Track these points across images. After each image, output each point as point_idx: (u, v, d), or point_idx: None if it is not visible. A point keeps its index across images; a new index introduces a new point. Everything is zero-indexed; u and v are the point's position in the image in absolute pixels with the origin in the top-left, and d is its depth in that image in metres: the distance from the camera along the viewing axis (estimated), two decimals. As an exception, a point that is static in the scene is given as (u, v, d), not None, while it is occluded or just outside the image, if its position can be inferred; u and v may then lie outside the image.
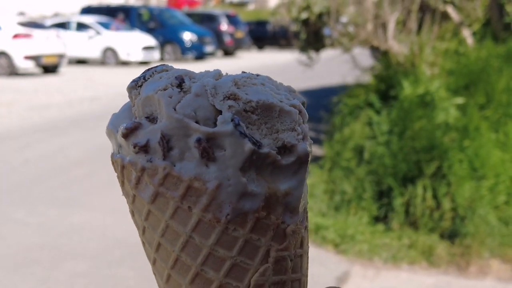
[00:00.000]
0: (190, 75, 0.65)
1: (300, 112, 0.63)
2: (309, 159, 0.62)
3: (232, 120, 0.59)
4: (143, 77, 0.67)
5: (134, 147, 0.63)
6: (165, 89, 0.63)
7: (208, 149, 0.60)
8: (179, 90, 0.63)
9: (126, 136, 0.63)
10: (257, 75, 0.67)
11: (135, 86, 0.67)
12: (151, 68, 0.68)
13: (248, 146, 0.59)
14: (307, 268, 0.66)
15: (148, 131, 0.62)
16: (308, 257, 0.67)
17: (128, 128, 0.63)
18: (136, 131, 0.63)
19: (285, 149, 0.61)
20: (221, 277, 0.63)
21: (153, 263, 0.67)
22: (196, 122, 0.61)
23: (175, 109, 0.61)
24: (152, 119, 0.63)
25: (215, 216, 0.61)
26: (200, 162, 0.60)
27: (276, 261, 0.62)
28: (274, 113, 0.61)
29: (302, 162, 0.61)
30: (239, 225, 0.61)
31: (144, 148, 0.62)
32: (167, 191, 0.62)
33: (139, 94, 0.65)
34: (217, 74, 0.66)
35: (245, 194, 0.60)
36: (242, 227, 0.61)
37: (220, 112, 0.61)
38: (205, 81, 0.62)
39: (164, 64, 0.69)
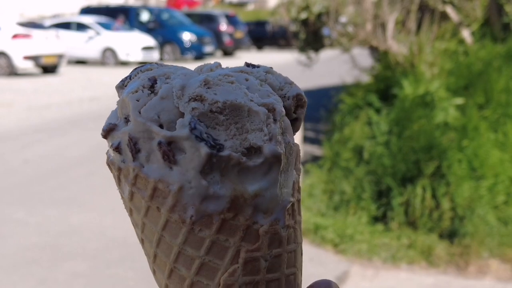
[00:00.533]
0: (168, 75, 0.65)
1: (273, 110, 0.61)
2: (281, 159, 0.61)
3: (189, 123, 0.60)
4: (129, 77, 0.68)
5: (111, 148, 0.65)
6: (136, 92, 0.64)
7: (168, 152, 0.60)
8: (150, 92, 0.63)
9: (104, 137, 0.66)
10: (258, 66, 0.68)
11: (122, 85, 0.68)
12: (138, 67, 0.68)
13: (204, 150, 0.59)
14: (292, 266, 0.66)
15: (121, 133, 0.64)
16: (295, 256, 0.66)
17: (104, 129, 0.65)
18: (111, 133, 0.65)
19: (253, 150, 0.60)
20: (192, 275, 0.64)
21: (146, 255, 0.70)
22: (161, 125, 0.61)
23: (140, 113, 0.62)
24: (127, 120, 0.64)
25: (181, 217, 0.62)
26: (164, 164, 0.61)
27: (246, 262, 0.62)
28: (244, 113, 0.61)
29: (271, 163, 0.60)
30: (205, 226, 0.62)
31: (117, 150, 0.64)
32: (138, 191, 0.64)
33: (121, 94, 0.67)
34: (209, 69, 0.67)
35: (207, 196, 0.60)
36: (208, 228, 0.62)
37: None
38: (175, 83, 0.62)
39: (151, 63, 0.69)
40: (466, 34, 8.00)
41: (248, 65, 0.68)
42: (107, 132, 0.65)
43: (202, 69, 0.69)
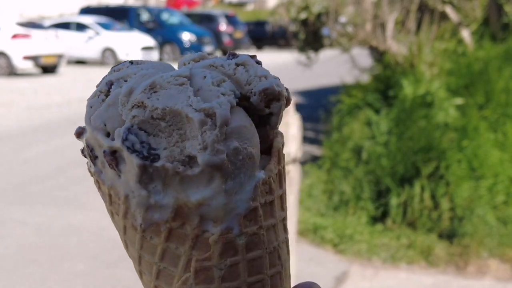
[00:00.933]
0: (126, 77, 0.64)
1: (213, 115, 0.58)
2: (221, 168, 0.58)
3: (122, 134, 0.59)
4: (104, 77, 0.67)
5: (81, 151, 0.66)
6: (93, 97, 0.64)
7: (111, 161, 0.60)
8: (104, 97, 0.63)
9: (78, 139, 0.66)
10: (236, 56, 0.65)
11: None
12: (113, 66, 0.67)
13: (136, 161, 0.58)
14: (258, 273, 0.63)
15: (83, 139, 0.64)
16: (264, 262, 0.64)
17: (75, 133, 0.65)
18: (81, 136, 0.65)
19: (194, 158, 0.58)
20: (154, 279, 0.64)
21: None
22: (108, 134, 0.61)
23: (90, 120, 0.62)
24: None
25: (133, 224, 0.62)
26: (114, 172, 0.61)
27: (197, 271, 0.61)
28: (184, 119, 0.59)
29: (211, 172, 0.58)
30: (154, 234, 0.61)
31: (83, 154, 0.65)
32: (102, 195, 0.65)
33: None
34: (191, 59, 0.66)
35: (150, 206, 0.60)
36: (157, 236, 0.61)
37: None
38: (123, 88, 0.61)
39: (125, 62, 0.68)
40: (465, 34, 8.00)
41: (230, 54, 0.66)
42: (77, 135, 0.65)
43: (185, 62, 0.67)
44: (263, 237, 0.63)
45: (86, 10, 28.05)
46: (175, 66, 0.68)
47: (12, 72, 19.05)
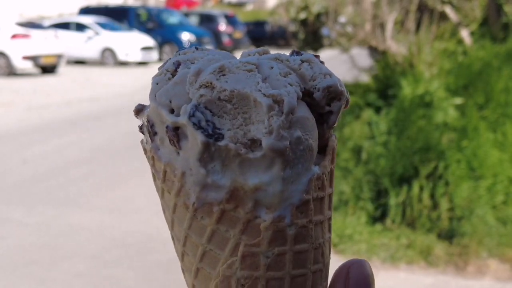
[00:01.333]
0: (193, 60, 0.65)
1: (280, 102, 0.59)
2: (283, 154, 0.59)
3: (190, 110, 0.60)
4: (169, 59, 0.69)
5: (138, 128, 0.67)
6: (159, 75, 0.65)
7: (173, 137, 0.61)
8: (171, 76, 0.64)
9: (136, 116, 0.67)
10: (301, 53, 0.66)
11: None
12: (179, 50, 0.69)
13: (200, 138, 0.59)
14: (302, 267, 0.64)
15: (144, 115, 0.66)
16: (309, 256, 0.64)
17: (134, 110, 0.67)
18: (140, 113, 0.66)
19: (256, 142, 0.60)
20: (197, 261, 0.65)
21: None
22: (172, 110, 0.62)
23: (155, 96, 0.63)
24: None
25: (185, 202, 0.63)
26: (173, 149, 0.62)
27: (244, 256, 0.62)
28: (251, 103, 0.60)
29: (273, 157, 0.59)
30: (206, 214, 0.62)
31: (141, 130, 0.67)
32: (156, 173, 0.66)
33: None
34: (255, 53, 0.67)
35: (207, 185, 0.60)
36: (209, 216, 0.62)
37: None
38: (192, 68, 0.62)
39: (191, 47, 0.69)
40: (465, 34, 8.01)
41: (294, 52, 0.68)
42: (136, 112, 0.67)
43: (249, 54, 0.69)
44: (311, 231, 0.64)
45: (86, 10, 28.04)
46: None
47: (11, 72, 19.05)
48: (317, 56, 0.67)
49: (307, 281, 0.65)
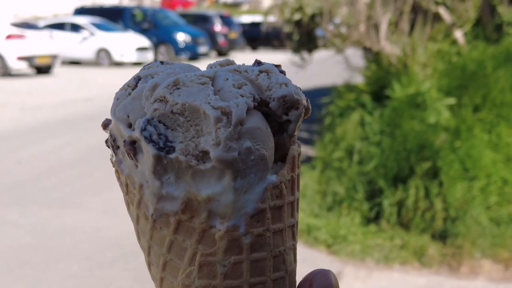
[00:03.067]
0: (153, 74, 0.66)
1: (229, 114, 0.61)
2: (231, 165, 0.60)
3: (142, 124, 0.62)
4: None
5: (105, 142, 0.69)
6: (120, 90, 0.67)
7: (129, 151, 0.63)
8: (131, 91, 0.66)
9: (104, 130, 0.69)
10: (262, 63, 0.68)
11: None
12: (146, 64, 0.71)
13: (152, 151, 0.61)
14: (261, 275, 0.64)
15: (108, 130, 0.68)
16: (267, 264, 0.65)
17: (102, 124, 0.69)
18: (107, 127, 0.68)
19: (207, 153, 0.61)
20: (160, 271, 0.66)
21: None
22: (130, 124, 0.64)
23: (115, 111, 0.65)
24: None
25: (145, 214, 0.65)
26: (132, 162, 0.64)
27: (201, 265, 0.63)
28: (201, 115, 0.61)
29: (222, 168, 0.60)
30: (164, 225, 0.64)
31: (107, 144, 0.69)
32: (120, 185, 0.68)
33: None
34: (218, 64, 0.69)
35: (162, 196, 0.62)
36: (167, 227, 0.64)
37: None
38: (148, 83, 0.64)
39: (156, 61, 0.71)
40: (459, 35, 8.02)
41: (256, 62, 0.69)
42: (104, 127, 0.68)
43: (211, 66, 0.70)
44: (269, 240, 0.64)
45: (81, 11, 27.98)
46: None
47: (6, 72, 19.02)
48: (278, 66, 0.68)
49: None
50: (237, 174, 0.61)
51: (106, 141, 0.68)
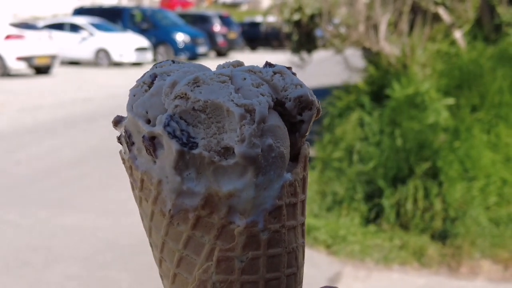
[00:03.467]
0: (169, 72, 0.67)
1: (252, 111, 0.62)
2: (255, 161, 0.61)
3: (164, 120, 0.62)
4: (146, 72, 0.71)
5: (116, 138, 0.70)
6: (136, 87, 0.68)
7: (149, 147, 0.64)
8: (148, 88, 0.67)
9: (115, 127, 0.70)
10: (273, 65, 0.69)
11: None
12: (156, 63, 0.72)
13: (175, 147, 0.61)
14: (276, 271, 0.65)
15: (122, 126, 0.68)
16: (282, 260, 0.66)
17: (113, 121, 0.70)
18: (119, 124, 0.69)
19: (230, 150, 0.62)
20: (174, 267, 0.67)
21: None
22: (148, 121, 0.65)
23: (132, 107, 0.66)
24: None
25: (161, 210, 0.65)
26: (150, 158, 0.65)
27: (219, 261, 0.63)
28: (224, 112, 0.62)
29: (245, 164, 0.61)
30: (181, 220, 0.64)
31: (119, 141, 0.69)
32: (134, 182, 0.68)
33: None
34: (229, 65, 0.69)
35: (182, 192, 0.63)
36: (185, 223, 0.64)
37: None
38: (167, 80, 0.65)
39: (168, 60, 0.72)
40: (458, 35, 8.03)
41: (267, 63, 0.70)
42: (115, 123, 0.69)
43: (224, 66, 0.71)
44: (284, 236, 0.66)
45: (80, 11, 27.99)
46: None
47: (5, 73, 19.01)
48: (289, 68, 0.69)
49: (281, 285, 0.67)
50: (259, 170, 0.62)
51: (119, 138, 0.69)
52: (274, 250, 0.65)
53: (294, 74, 0.69)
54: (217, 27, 30.60)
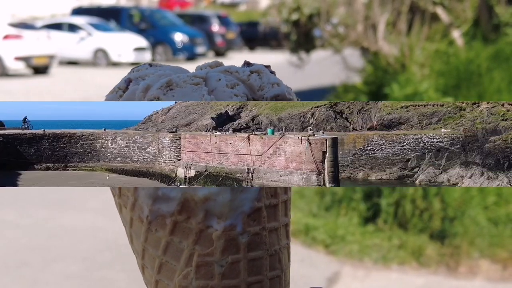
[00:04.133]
0: (144, 76, 0.67)
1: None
2: None
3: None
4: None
5: None
6: (112, 92, 0.67)
7: None
8: (122, 93, 0.67)
9: None
10: (251, 64, 0.68)
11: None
12: (134, 68, 0.71)
13: None
14: (258, 274, 0.64)
15: None
16: (265, 263, 0.64)
17: None
18: None
19: None
20: (155, 273, 0.67)
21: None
22: None
23: None
24: None
25: (140, 216, 0.65)
26: None
27: (199, 266, 0.63)
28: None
29: None
30: (159, 226, 0.64)
31: None
32: (112, 189, 0.69)
33: None
34: (207, 66, 0.69)
35: (158, 197, 0.63)
36: (163, 228, 0.64)
37: None
38: (142, 84, 0.65)
39: (145, 64, 0.71)
40: (456, 35, 8.02)
41: (245, 63, 0.70)
42: None
43: (201, 68, 0.70)
44: (265, 239, 0.65)
45: (78, 11, 27.95)
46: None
47: (3, 73, 18.98)
48: (268, 67, 0.68)
49: None
50: None
51: None
52: (254, 253, 0.64)
53: (272, 72, 0.69)
54: (215, 27, 30.58)
